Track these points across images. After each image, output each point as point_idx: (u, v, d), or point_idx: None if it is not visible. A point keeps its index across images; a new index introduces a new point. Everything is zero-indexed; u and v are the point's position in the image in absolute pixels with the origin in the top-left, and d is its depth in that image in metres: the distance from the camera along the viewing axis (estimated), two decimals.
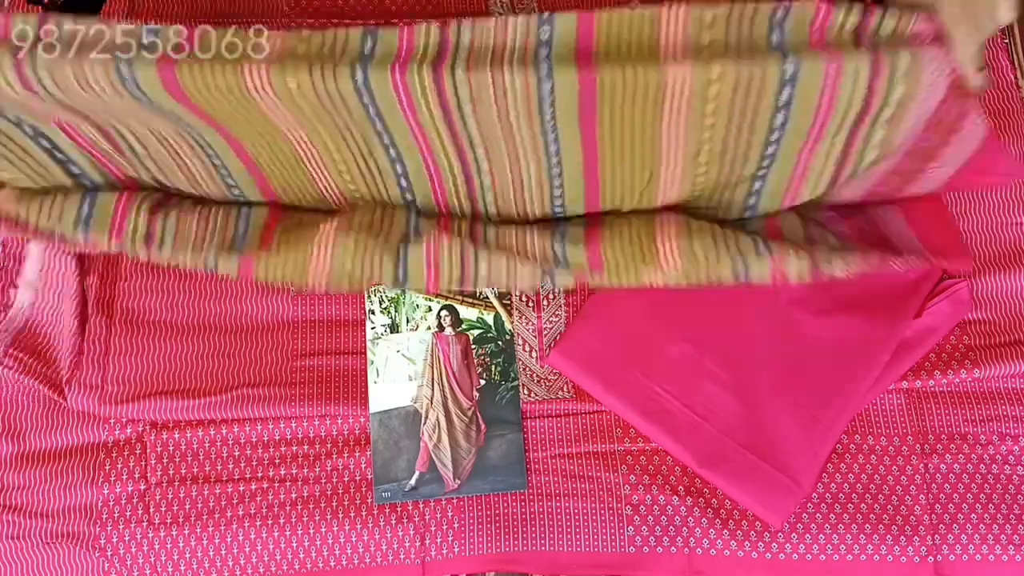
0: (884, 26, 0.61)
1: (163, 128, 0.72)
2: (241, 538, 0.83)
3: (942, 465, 0.84)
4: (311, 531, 0.83)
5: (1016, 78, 0.96)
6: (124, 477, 0.83)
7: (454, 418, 0.86)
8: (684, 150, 0.70)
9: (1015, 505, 0.84)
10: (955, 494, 0.83)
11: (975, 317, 0.87)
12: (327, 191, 0.80)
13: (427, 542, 0.83)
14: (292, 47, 0.64)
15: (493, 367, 0.87)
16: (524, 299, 0.89)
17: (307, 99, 0.65)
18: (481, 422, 0.86)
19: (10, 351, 0.83)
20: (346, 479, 0.85)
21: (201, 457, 0.84)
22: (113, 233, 0.76)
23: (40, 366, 0.84)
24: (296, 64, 0.62)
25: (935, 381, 0.86)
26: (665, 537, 0.84)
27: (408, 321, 0.88)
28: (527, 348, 0.88)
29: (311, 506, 0.84)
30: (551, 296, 0.89)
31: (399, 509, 0.84)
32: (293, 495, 0.84)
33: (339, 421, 0.86)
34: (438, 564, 0.83)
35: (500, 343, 0.88)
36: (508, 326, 0.88)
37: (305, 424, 0.86)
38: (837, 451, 0.85)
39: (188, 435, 0.84)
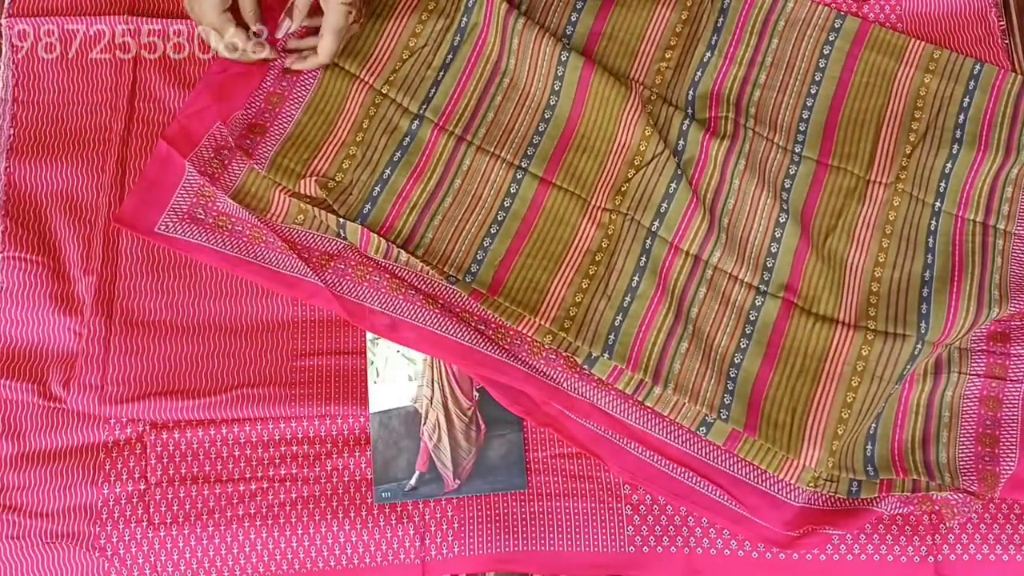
0: None
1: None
2: (241, 538, 0.83)
3: None
4: (311, 531, 0.83)
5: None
6: (124, 477, 0.83)
7: (454, 418, 0.86)
8: (900, 127, 0.93)
9: (1015, 505, 0.84)
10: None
11: None
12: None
13: (427, 542, 0.83)
14: None
15: None
16: None
17: None
18: (481, 422, 0.86)
19: None
20: (346, 479, 0.85)
21: (201, 457, 0.84)
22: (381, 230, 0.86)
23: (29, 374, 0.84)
24: None
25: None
26: (665, 537, 0.84)
27: None
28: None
29: (311, 506, 0.84)
30: None
31: (399, 509, 0.84)
32: (293, 495, 0.84)
33: (339, 421, 0.86)
34: (438, 564, 0.83)
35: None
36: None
37: (305, 424, 0.86)
38: None
39: (188, 435, 0.84)
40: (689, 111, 0.93)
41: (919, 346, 0.83)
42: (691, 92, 0.94)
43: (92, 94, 0.92)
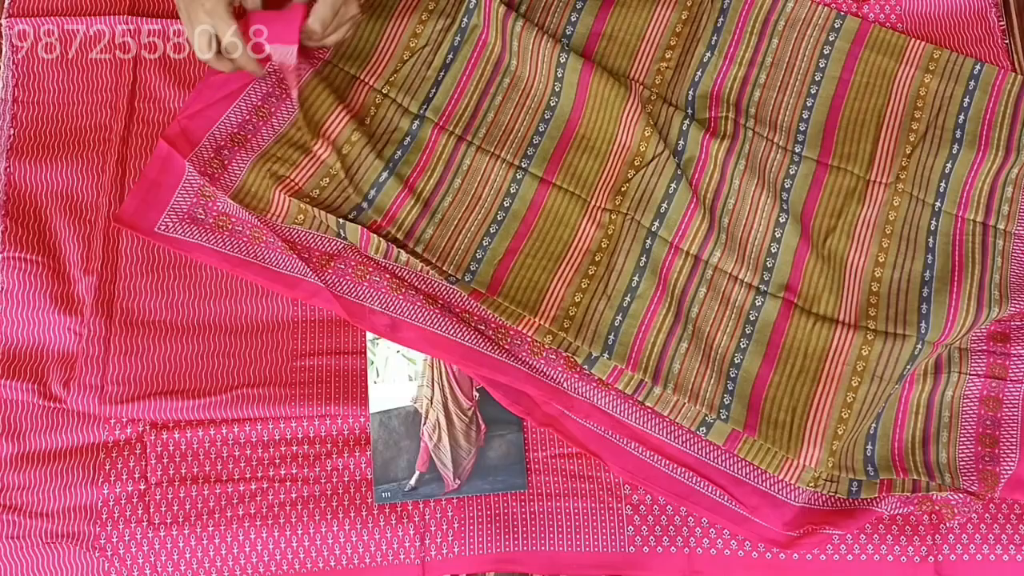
0: None
1: None
2: (241, 538, 0.83)
3: None
4: (311, 531, 0.83)
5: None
6: (124, 477, 0.83)
7: (454, 418, 0.86)
8: (900, 127, 0.93)
9: (1015, 505, 0.84)
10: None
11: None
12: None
13: (427, 542, 0.83)
14: None
15: None
16: None
17: None
18: (481, 422, 0.86)
19: None
20: (346, 479, 0.85)
21: (201, 457, 0.84)
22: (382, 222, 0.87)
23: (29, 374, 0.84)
24: None
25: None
26: (665, 537, 0.84)
27: None
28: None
29: (311, 506, 0.84)
30: None
31: (399, 509, 0.84)
32: (293, 495, 0.84)
33: (339, 421, 0.86)
34: (438, 564, 0.83)
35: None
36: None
37: (305, 424, 0.86)
38: None
39: (188, 435, 0.84)
40: (689, 111, 0.93)
41: (919, 346, 0.83)
42: (691, 92, 0.94)
43: (92, 94, 0.92)
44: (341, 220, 0.84)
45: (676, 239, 0.88)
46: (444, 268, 0.86)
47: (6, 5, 0.93)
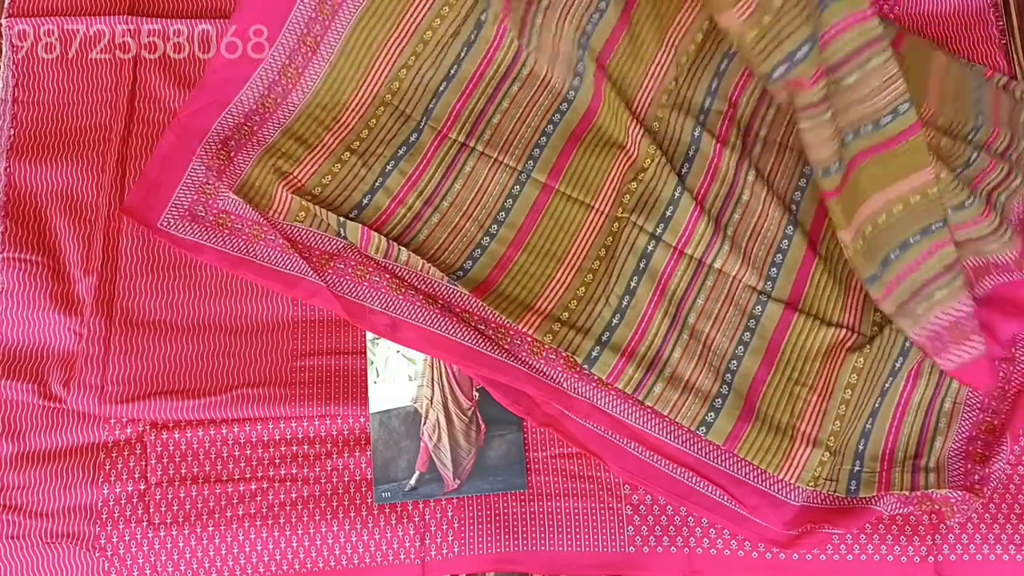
0: None
1: None
2: (241, 538, 0.83)
3: None
4: (311, 531, 0.83)
5: (1015, 78, 0.97)
6: (124, 477, 0.83)
7: (454, 418, 0.86)
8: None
9: (1015, 505, 0.84)
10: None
11: None
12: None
13: (427, 542, 0.83)
14: None
15: None
16: None
17: None
18: (481, 422, 0.86)
19: None
20: (346, 479, 0.85)
21: (201, 457, 0.84)
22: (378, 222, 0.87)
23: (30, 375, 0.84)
24: None
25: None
26: (665, 537, 0.84)
27: None
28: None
29: (311, 506, 0.84)
30: None
31: (399, 509, 0.84)
32: (293, 495, 0.84)
33: (339, 421, 0.86)
34: (438, 564, 0.83)
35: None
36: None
37: (305, 424, 0.86)
38: None
39: (188, 435, 0.84)
40: (701, 118, 0.91)
41: (907, 344, 0.83)
42: (707, 101, 0.92)
43: (92, 94, 0.92)
44: (342, 219, 0.84)
45: (680, 243, 0.87)
46: (439, 263, 0.86)
47: (6, 5, 0.93)
